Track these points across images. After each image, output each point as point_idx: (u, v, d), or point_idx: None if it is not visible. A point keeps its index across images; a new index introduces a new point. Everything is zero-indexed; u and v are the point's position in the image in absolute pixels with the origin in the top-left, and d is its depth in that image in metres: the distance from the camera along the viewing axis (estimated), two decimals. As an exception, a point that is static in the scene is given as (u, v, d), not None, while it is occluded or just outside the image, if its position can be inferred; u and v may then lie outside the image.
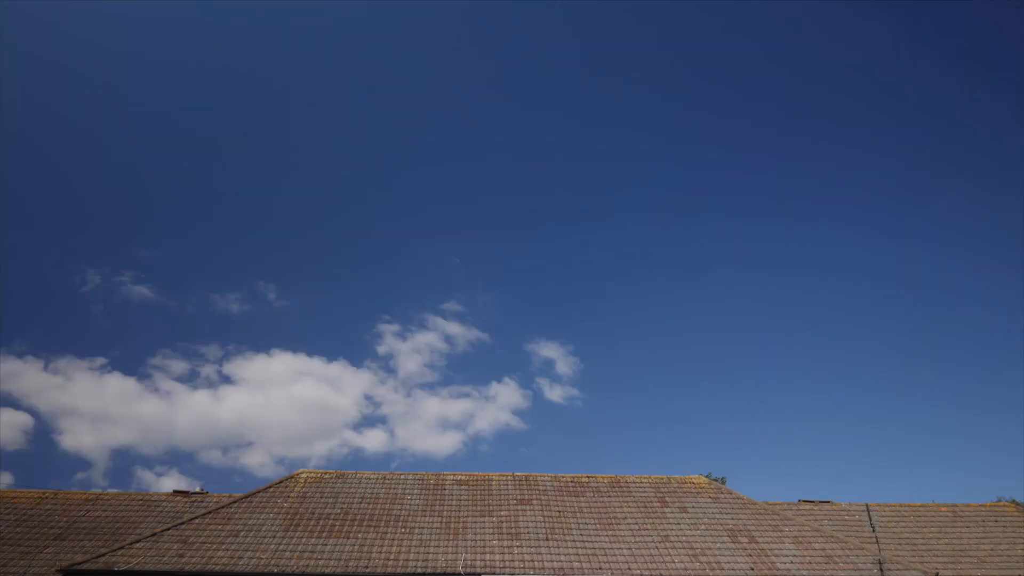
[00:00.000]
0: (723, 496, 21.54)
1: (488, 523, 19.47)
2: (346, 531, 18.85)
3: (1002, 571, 19.53)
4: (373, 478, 22.02)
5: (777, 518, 20.14)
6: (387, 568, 17.14)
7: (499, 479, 22.11)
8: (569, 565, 17.53)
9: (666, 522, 19.86)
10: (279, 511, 19.71)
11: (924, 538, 21.37)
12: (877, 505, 23.20)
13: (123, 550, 17.48)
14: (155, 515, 20.99)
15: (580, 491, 21.51)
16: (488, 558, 17.74)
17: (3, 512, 20.61)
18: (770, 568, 17.67)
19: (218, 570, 16.88)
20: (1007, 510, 23.38)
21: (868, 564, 17.98)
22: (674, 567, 17.59)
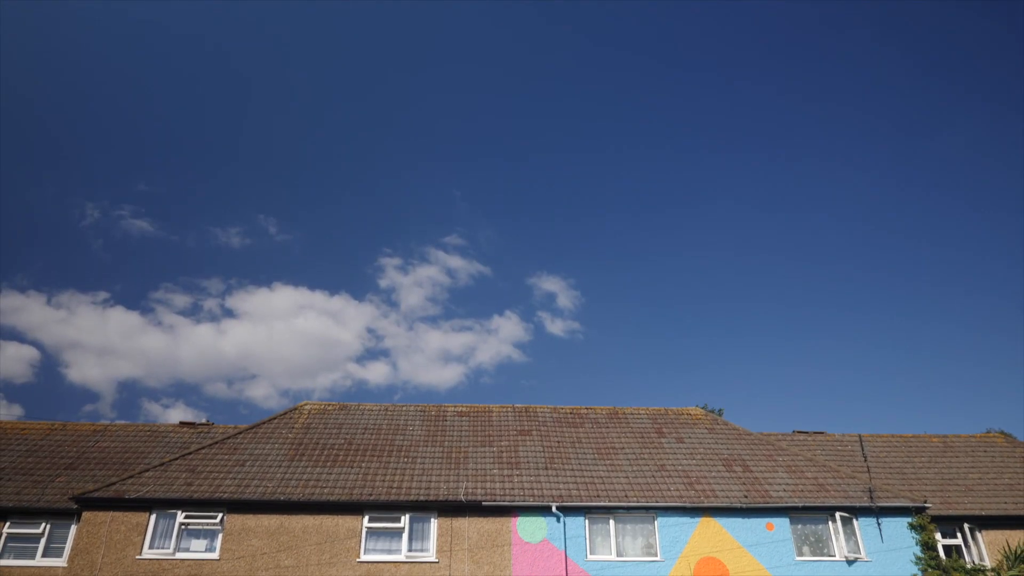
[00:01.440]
0: (719, 427, 21.96)
1: (488, 453, 19.91)
2: (350, 461, 19.29)
3: (989, 499, 20.06)
4: (376, 410, 22.41)
5: (771, 448, 20.58)
6: (390, 496, 17.60)
7: (499, 411, 22.51)
8: (568, 493, 18.00)
9: (662, 452, 20.30)
10: (284, 441, 20.14)
11: (914, 467, 21.88)
12: (870, 436, 23.67)
13: (133, 479, 17.93)
14: (163, 445, 21.44)
15: (579, 422, 21.92)
16: (488, 486, 18.21)
17: (14, 443, 21.05)
18: (763, 496, 18.15)
19: (226, 498, 17.35)
20: (996, 441, 23.87)
21: (859, 492, 18.46)
22: (670, 495, 18.07)
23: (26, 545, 17.58)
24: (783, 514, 17.89)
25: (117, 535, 16.99)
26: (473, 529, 17.38)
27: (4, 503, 17.93)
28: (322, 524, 17.26)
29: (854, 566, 17.35)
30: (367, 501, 17.43)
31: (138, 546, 16.90)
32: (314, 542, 17.03)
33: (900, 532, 17.85)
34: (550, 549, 17.17)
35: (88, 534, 16.98)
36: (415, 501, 17.47)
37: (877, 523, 17.92)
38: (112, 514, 17.23)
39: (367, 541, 17.24)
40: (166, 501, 17.32)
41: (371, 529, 17.35)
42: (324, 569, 16.73)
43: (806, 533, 17.92)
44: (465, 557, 17.04)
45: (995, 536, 19.09)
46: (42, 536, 17.65)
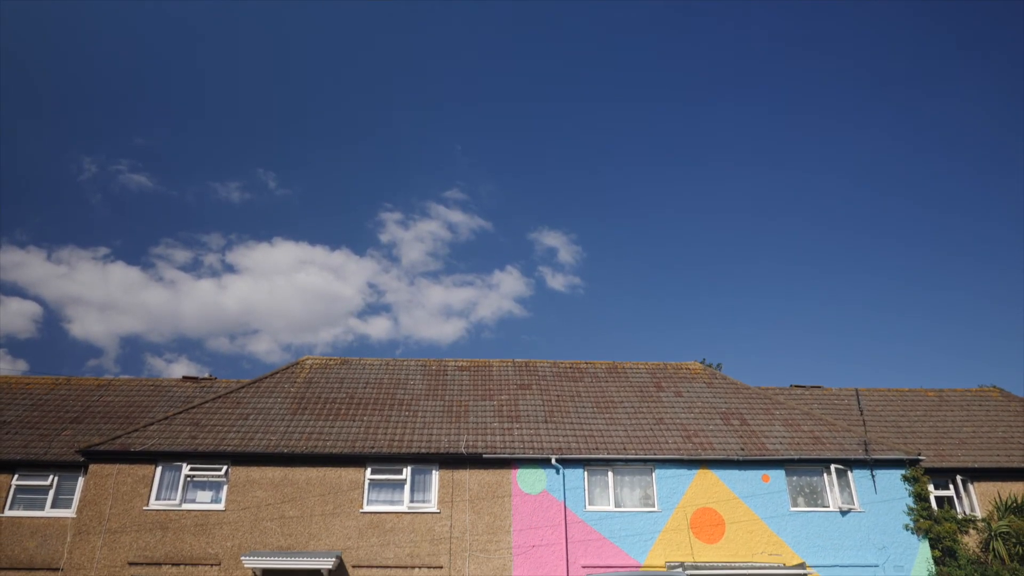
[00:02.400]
0: (717, 381, 22.16)
1: (489, 406, 20.14)
2: (352, 414, 19.52)
3: (982, 452, 20.36)
4: (377, 364, 22.58)
5: (768, 402, 20.81)
6: (392, 448, 17.86)
7: (499, 365, 22.69)
8: (567, 446, 18.26)
9: (661, 406, 20.53)
10: (286, 396, 20.35)
11: (909, 421, 22.15)
12: (866, 390, 23.92)
13: (138, 432, 18.17)
14: (166, 400, 21.67)
15: (578, 376, 22.12)
16: (489, 439, 18.46)
17: (19, 398, 21.28)
18: (760, 449, 18.42)
19: (230, 451, 17.60)
20: (991, 395, 24.12)
21: (854, 445, 18.73)
22: (668, 447, 18.33)
23: (35, 497, 17.91)
24: (779, 466, 18.18)
25: (124, 487, 17.29)
26: (474, 481, 17.68)
27: (12, 456, 18.21)
28: (325, 476, 17.55)
29: (847, 516, 17.70)
30: (369, 453, 17.70)
31: (145, 497, 17.22)
32: (318, 493, 17.34)
33: (894, 484, 18.17)
34: (549, 500, 17.50)
35: (95, 486, 17.28)
36: (417, 453, 17.73)
37: (871, 475, 18.23)
38: (118, 467, 17.51)
39: (370, 492, 17.55)
40: (171, 454, 17.58)
41: (373, 481, 17.65)
42: (328, 520, 17.07)
43: (801, 485, 18.23)
44: (466, 508, 17.37)
45: (987, 488, 19.44)
46: (50, 488, 17.97)
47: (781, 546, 17.24)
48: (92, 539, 16.71)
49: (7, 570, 16.92)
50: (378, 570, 16.67)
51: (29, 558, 17.07)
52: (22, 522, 17.49)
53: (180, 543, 16.76)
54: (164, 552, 16.65)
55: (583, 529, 17.24)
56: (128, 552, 16.60)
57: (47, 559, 17.06)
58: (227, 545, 16.76)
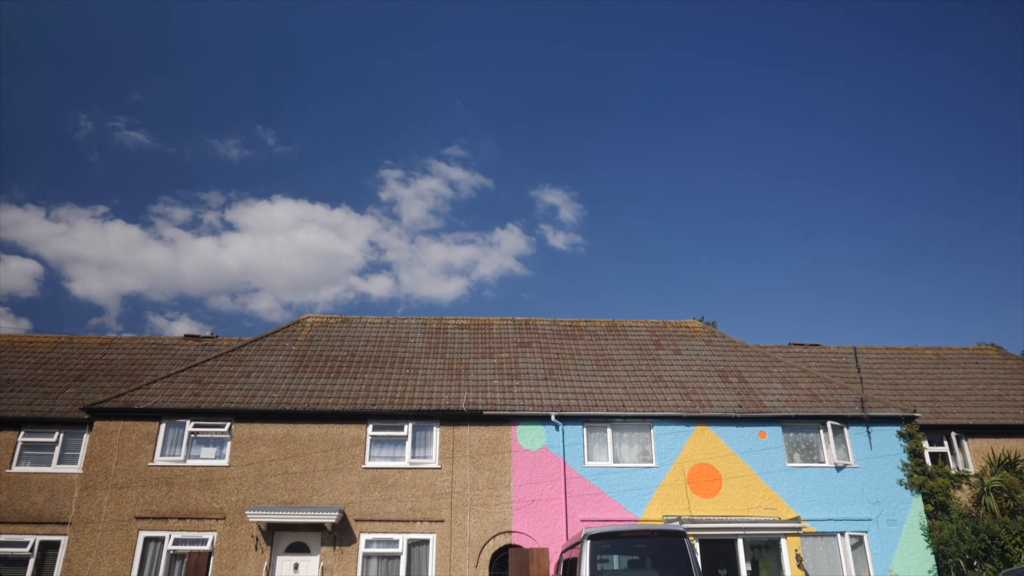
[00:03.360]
0: (716, 339, 22.28)
1: (489, 364, 20.28)
2: (353, 372, 19.67)
3: (977, 409, 20.56)
4: (377, 322, 22.68)
5: (767, 360, 20.94)
6: (393, 405, 18.04)
7: (499, 323, 22.78)
8: (566, 403, 18.44)
9: (660, 363, 20.67)
10: (287, 354, 20.48)
11: (906, 379, 22.32)
12: (865, 348, 24.04)
13: (141, 390, 18.34)
14: (168, 358, 21.82)
15: (578, 335, 22.23)
16: (489, 396, 18.64)
17: (23, 356, 21.42)
18: (757, 406, 18.60)
19: (233, 408, 17.79)
20: (988, 353, 24.26)
21: (851, 402, 18.91)
22: (666, 404, 18.52)
23: (42, 453, 18.16)
24: (776, 423, 18.39)
25: (129, 443, 17.52)
26: (474, 437, 17.90)
27: (18, 413, 18.41)
28: (327, 432, 17.77)
29: (842, 472, 17.96)
30: (371, 410, 17.88)
31: (150, 453, 17.46)
32: (320, 449, 17.57)
33: (889, 440, 18.39)
34: (549, 456, 17.74)
35: (101, 442, 17.51)
36: (418, 410, 17.92)
37: (867, 431, 18.45)
38: (123, 423, 17.72)
39: (371, 448, 17.79)
40: (175, 411, 17.77)
41: (375, 437, 17.87)
42: (331, 475, 17.33)
43: (797, 441, 18.47)
44: (467, 463, 17.61)
45: (980, 444, 19.68)
46: (56, 444, 18.21)
47: (777, 500, 17.53)
48: (99, 494, 17.00)
49: (17, 524, 17.25)
50: (380, 523, 16.98)
51: (38, 512, 17.38)
52: (30, 478, 17.77)
53: (185, 498, 17.05)
54: (170, 506, 16.94)
55: (582, 484, 17.51)
56: (135, 506, 16.90)
57: (55, 513, 17.37)
58: (232, 500, 17.05)
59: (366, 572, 16.64)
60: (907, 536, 17.39)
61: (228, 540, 16.67)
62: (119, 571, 16.31)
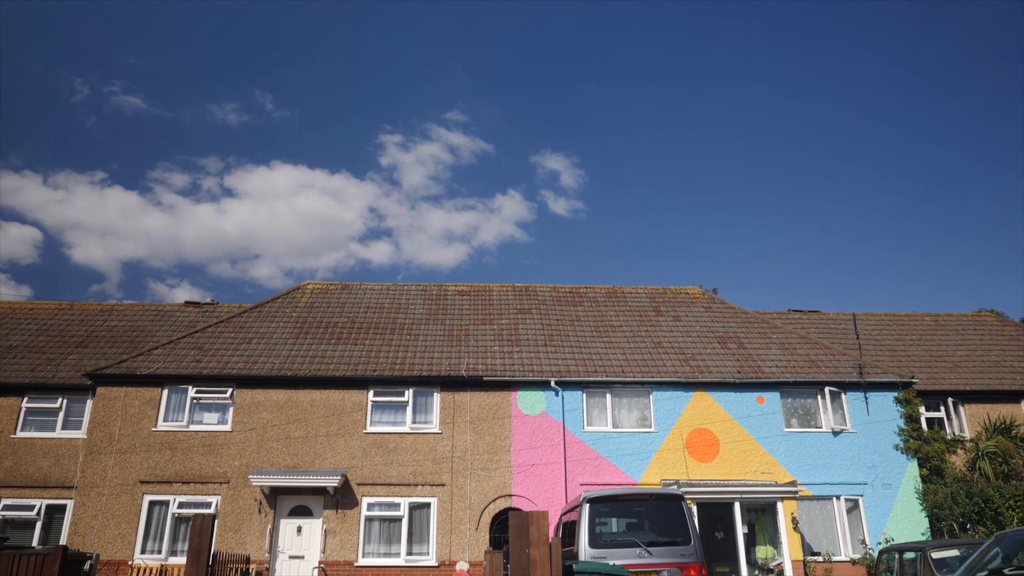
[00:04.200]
0: (715, 306, 22.32)
1: (489, 331, 20.35)
2: (353, 338, 19.75)
3: (974, 375, 20.69)
4: (377, 289, 22.70)
5: (766, 326, 21.01)
6: (394, 371, 18.15)
7: (499, 290, 22.81)
8: (566, 369, 18.55)
9: (659, 330, 20.74)
10: (288, 320, 20.54)
11: (905, 345, 22.42)
12: (864, 315, 24.10)
13: (143, 356, 18.43)
14: (169, 324, 21.88)
15: (578, 301, 22.27)
16: (489, 362, 18.74)
17: (24, 323, 21.49)
18: (756, 372, 18.71)
19: (235, 374, 17.90)
20: (987, 319, 24.33)
21: (849, 368, 19.02)
22: (665, 370, 18.62)
23: (46, 419, 18.33)
24: (774, 388, 18.52)
25: (132, 409, 17.66)
26: (475, 403, 18.04)
27: (21, 379, 18.53)
28: (329, 398, 17.90)
29: (839, 437, 18.14)
30: (371, 376, 18.00)
31: (153, 419, 17.61)
32: (322, 415, 17.72)
33: (886, 406, 18.54)
34: (548, 421, 17.90)
35: (104, 408, 17.65)
36: (418, 376, 18.03)
37: (864, 397, 18.59)
38: (126, 389, 17.84)
39: (373, 414, 17.94)
40: (177, 377, 17.88)
41: (376, 403, 18.01)
42: (332, 440, 17.50)
43: (795, 406, 18.62)
44: (467, 428, 17.78)
45: (976, 410, 19.85)
46: (60, 410, 18.36)
47: (774, 465, 17.72)
48: (103, 459, 17.18)
49: (24, 488, 17.47)
50: (382, 487, 17.20)
51: (44, 477, 17.60)
52: (35, 443, 17.95)
53: (189, 462, 17.25)
54: (174, 471, 17.14)
55: (581, 449, 17.69)
56: (139, 471, 17.10)
57: (61, 477, 17.59)
58: (235, 464, 17.24)
59: (368, 534, 16.90)
60: (902, 500, 17.63)
61: (232, 504, 16.90)
62: (125, 534, 16.57)
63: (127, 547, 16.48)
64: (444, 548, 16.76)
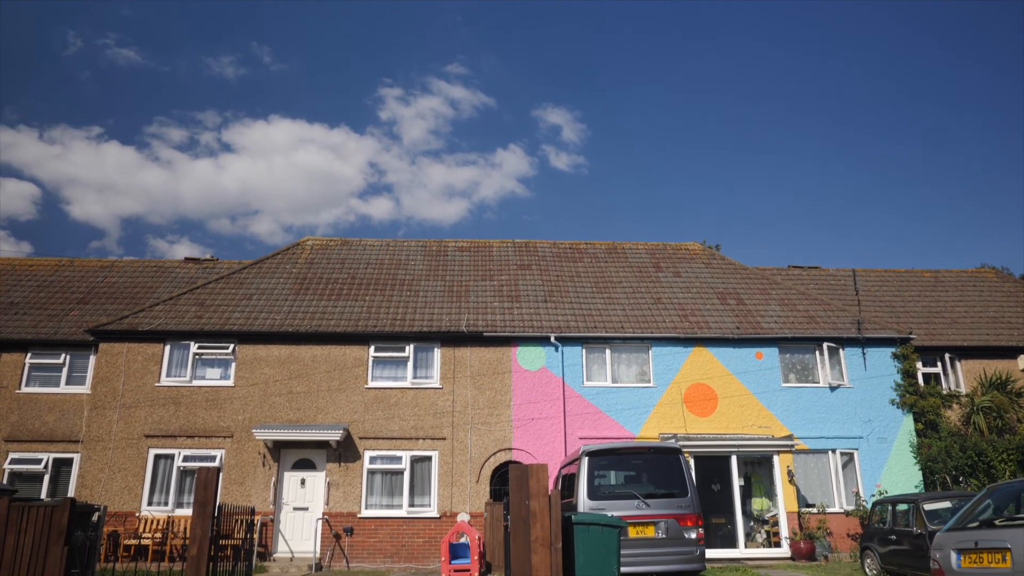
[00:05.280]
0: (715, 262, 22.32)
1: (489, 287, 20.38)
2: (354, 294, 19.79)
3: (972, 331, 20.78)
4: (377, 245, 22.66)
5: (765, 282, 21.04)
6: (395, 327, 18.24)
7: (499, 245, 22.77)
8: (566, 324, 18.63)
9: (659, 286, 20.77)
10: (288, 276, 20.55)
11: (904, 301, 22.47)
12: (864, 271, 24.11)
13: (144, 312, 18.49)
14: (169, 281, 21.90)
15: (578, 257, 22.25)
16: (489, 318, 18.81)
17: (25, 279, 21.50)
18: (755, 327, 18.80)
19: (236, 329, 17.98)
20: (987, 276, 24.35)
21: (848, 324, 19.10)
22: (665, 326, 18.71)
23: (49, 374, 18.47)
24: (773, 344, 18.63)
25: (135, 365, 17.79)
26: (475, 358, 18.16)
27: (23, 335, 18.63)
28: (330, 354, 18.02)
29: (836, 392, 18.32)
30: (372, 332, 18.09)
31: (156, 375, 17.76)
32: (323, 370, 17.86)
33: (883, 361, 18.67)
34: (548, 376, 18.05)
35: (107, 364, 17.78)
36: (419, 332, 18.12)
37: (862, 353, 18.71)
38: (128, 345, 17.95)
39: (374, 369, 18.08)
40: (179, 333, 17.97)
41: (377, 358, 18.14)
42: (334, 395, 17.67)
43: (793, 362, 18.75)
44: (468, 383, 17.94)
45: (973, 365, 19.99)
46: (63, 366, 18.49)
47: (771, 419, 17.93)
48: (108, 414, 17.38)
49: (30, 442, 17.71)
50: (384, 441, 17.43)
51: (49, 431, 17.82)
52: (39, 398, 18.13)
53: (193, 417, 17.44)
54: (178, 425, 17.35)
55: (581, 403, 17.88)
56: (143, 425, 17.31)
57: (67, 432, 17.81)
58: (238, 419, 17.44)
59: (371, 487, 17.19)
60: (896, 453, 17.88)
61: (236, 457, 17.15)
62: (132, 486, 16.85)
63: (134, 499, 16.77)
64: (445, 500, 17.07)
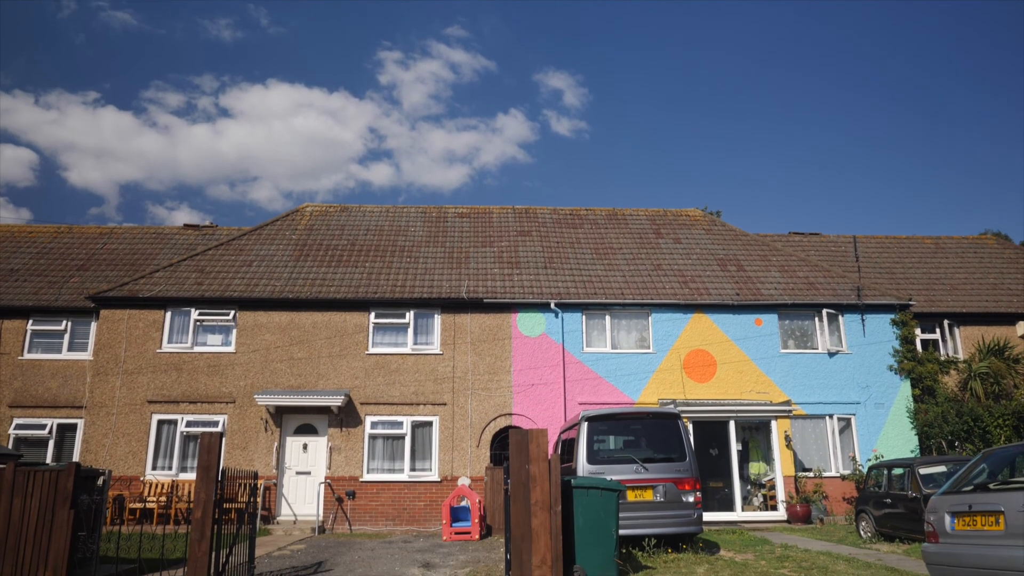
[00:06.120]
0: (716, 228, 22.26)
1: (489, 253, 20.36)
2: (354, 261, 19.78)
3: (971, 297, 20.81)
4: (377, 211, 22.59)
5: (766, 248, 21.01)
6: (395, 293, 18.26)
7: (499, 212, 22.70)
8: (566, 291, 18.65)
9: (659, 252, 20.75)
10: (288, 243, 20.52)
11: (904, 267, 22.46)
12: (864, 237, 24.06)
13: (144, 279, 18.50)
14: (169, 247, 21.87)
15: (578, 223, 22.19)
16: (489, 284, 18.83)
17: (24, 246, 21.47)
18: (755, 294, 18.82)
19: (237, 296, 18.00)
20: (988, 242, 24.31)
21: (847, 290, 19.12)
22: (665, 292, 18.73)
23: (51, 341, 18.55)
24: (772, 310, 18.67)
25: (136, 331, 17.86)
26: (475, 324, 18.22)
27: (24, 302, 18.67)
28: (331, 320, 18.07)
29: (835, 358, 18.41)
30: (373, 298, 18.12)
31: (157, 341, 17.83)
32: (324, 336, 17.93)
33: (882, 327, 18.74)
34: (548, 342, 18.12)
35: (108, 330, 17.84)
36: (419, 298, 18.15)
37: (861, 319, 18.76)
38: (129, 312, 17.99)
39: (374, 335, 18.15)
40: (179, 299, 18.00)
41: (377, 324, 18.20)
42: (335, 361, 17.77)
43: (792, 328, 18.81)
44: (468, 349, 18.02)
45: (971, 332, 20.06)
46: (65, 332, 18.56)
47: (769, 385, 18.05)
48: (111, 379, 17.48)
49: (34, 408, 17.85)
50: (385, 406, 17.57)
51: (53, 397, 17.95)
52: (42, 364, 18.23)
53: (195, 383, 17.56)
54: (180, 391, 17.47)
55: (580, 369, 17.98)
56: (146, 391, 17.43)
57: (70, 398, 17.94)
58: (240, 384, 17.56)
59: (373, 451, 17.37)
60: (893, 419, 18.04)
61: (238, 422, 17.30)
62: (136, 451, 17.03)
63: (138, 464, 16.96)
64: (446, 464, 17.26)
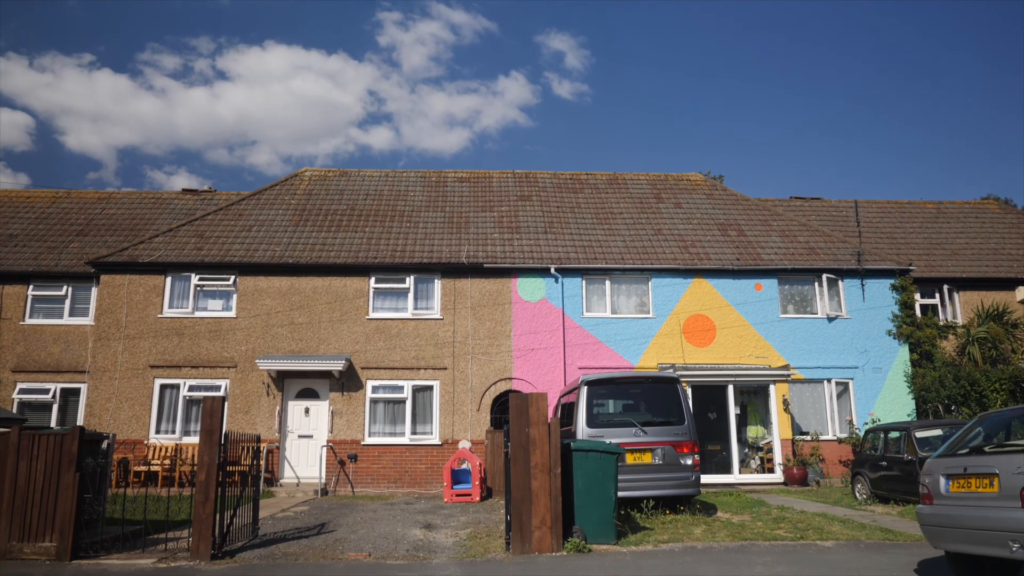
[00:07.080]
0: (717, 193, 22.16)
1: (489, 218, 20.30)
2: (353, 226, 19.72)
3: (971, 262, 20.79)
4: (376, 176, 22.46)
5: (767, 213, 20.94)
6: (395, 259, 18.25)
7: (500, 176, 22.57)
8: (566, 255, 18.64)
9: (660, 217, 20.68)
10: (287, 208, 20.45)
11: (905, 232, 22.41)
12: (865, 202, 23.97)
13: (144, 244, 18.47)
14: (168, 212, 21.80)
15: (579, 188, 22.08)
16: (489, 249, 18.80)
17: (23, 211, 21.39)
18: (755, 259, 18.81)
19: (236, 261, 18.00)
20: (990, 207, 24.21)
21: (847, 256, 19.10)
22: (665, 257, 18.72)
23: (52, 306, 18.59)
24: (772, 275, 18.68)
25: (136, 296, 17.88)
26: (475, 289, 18.24)
27: (24, 267, 18.66)
28: (331, 285, 18.09)
29: (834, 323, 18.47)
30: (373, 263, 18.11)
31: (158, 306, 17.87)
32: (324, 301, 17.96)
33: (882, 292, 18.76)
34: (548, 307, 18.17)
35: (109, 296, 17.87)
36: (419, 263, 18.14)
37: (861, 284, 18.78)
38: (129, 277, 18.00)
39: (375, 300, 18.18)
40: (179, 265, 18.00)
41: (378, 289, 18.22)
42: (336, 326, 17.82)
43: (792, 293, 18.84)
44: (468, 314, 18.06)
45: (971, 297, 20.09)
46: (66, 298, 18.60)
47: (768, 349, 18.14)
48: (113, 344, 17.56)
49: (37, 372, 17.97)
50: (386, 371, 17.68)
51: (56, 362, 18.05)
52: (44, 329, 18.30)
53: (196, 347, 17.64)
54: (182, 356, 17.56)
55: (580, 334, 18.05)
56: (148, 356, 17.51)
57: (73, 362, 18.04)
58: (241, 349, 17.64)
59: (374, 415, 17.52)
60: (891, 383, 18.16)
61: (240, 387, 17.42)
62: (139, 415, 17.17)
63: (142, 428, 17.12)
64: (447, 428, 17.42)
